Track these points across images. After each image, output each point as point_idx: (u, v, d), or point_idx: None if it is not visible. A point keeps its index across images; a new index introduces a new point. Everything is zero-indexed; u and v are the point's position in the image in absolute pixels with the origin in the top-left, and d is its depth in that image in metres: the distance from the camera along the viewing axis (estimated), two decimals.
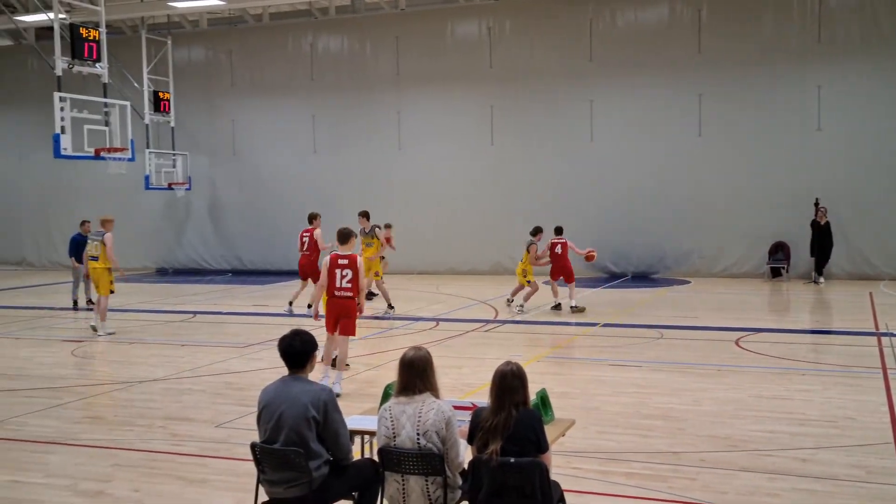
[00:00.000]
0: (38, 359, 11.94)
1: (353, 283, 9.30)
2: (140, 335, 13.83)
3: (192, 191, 25.23)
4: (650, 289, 19.26)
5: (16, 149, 27.36)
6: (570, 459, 6.69)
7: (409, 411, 4.65)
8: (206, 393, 9.60)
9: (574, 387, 9.44)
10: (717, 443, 7.23)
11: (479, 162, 22.60)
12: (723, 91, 20.59)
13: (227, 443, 7.50)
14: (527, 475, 4.35)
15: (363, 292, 9.58)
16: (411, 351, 4.82)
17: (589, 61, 21.67)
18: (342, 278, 9.32)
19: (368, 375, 10.26)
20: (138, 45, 23.86)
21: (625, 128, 21.37)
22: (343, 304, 9.37)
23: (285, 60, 24.54)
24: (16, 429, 8.15)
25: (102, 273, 13.78)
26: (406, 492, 4.64)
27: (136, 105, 22.24)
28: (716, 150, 20.71)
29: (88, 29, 17.82)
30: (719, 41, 20.60)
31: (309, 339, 4.96)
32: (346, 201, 23.42)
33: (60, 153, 17.24)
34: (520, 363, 4.71)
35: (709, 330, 13.36)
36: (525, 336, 13.61)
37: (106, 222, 14.06)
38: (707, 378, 9.84)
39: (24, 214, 27.42)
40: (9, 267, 27.77)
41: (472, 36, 22.85)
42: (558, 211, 21.53)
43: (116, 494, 6.24)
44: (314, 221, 15.77)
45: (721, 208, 20.67)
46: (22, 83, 27.02)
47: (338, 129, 23.93)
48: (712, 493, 6.00)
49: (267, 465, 4.79)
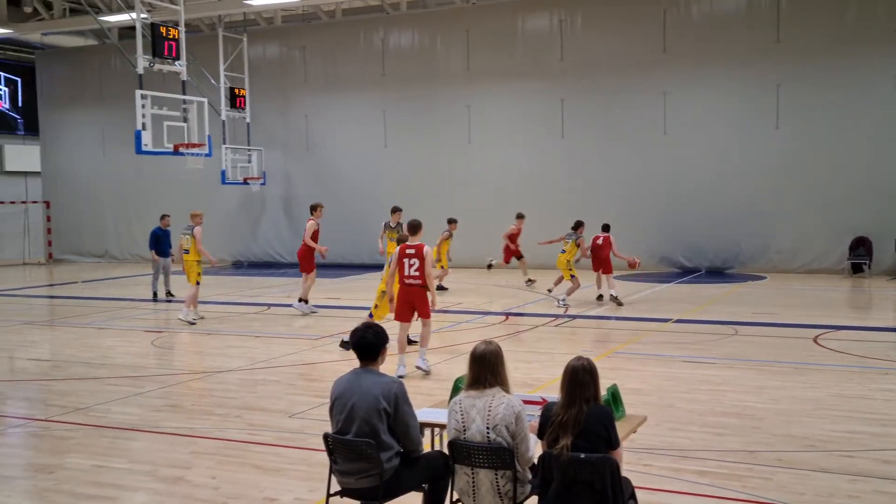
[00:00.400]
0: (120, 348, 12.36)
1: (420, 272, 9.74)
2: (217, 326, 14.18)
3: (267, 185, 25.71)
4: (725, 284, 18.86)
5: (100, 145, 28.34)
6: (642, 456, 6.62)
7: (479, 405, 4.66)
8: (281, 384, 9.80)
9: (646, 383, 9.33)
10: (794, 442, 7.06)
11: (549, 155, 22.46)
12: (802, 81, 20.01)
13: (300, 433, 7.64)
14: (597, 471, 4.32)
15: (432, 280, 9.89)
16: (482, 345, 4.83)
17: (662, 52, 21.31)
18: (410, 267, 9.82)
19: (438, 368, 10.32)
20: (215, 42, 24.41)
21: (699, 120, 20.95)
22: (413, 292, 9.88)
23: (357, 56, 24.79)
24: (101, 415, 8.45)
25: (192, 264, 14.63)
26: (476, 485, 4.65)
27: (213, 101, 22.75)
28: (794, 141, 20.15)
29: (168, 28, 18.29)
30: (799, 29, 20.01)
31: (381, 331, 5.01)
32: (416, 195, 23.61)
33: (141, 149, 17.74)
34: (591, 358, 4.68)
35: (786, 327, 13.03)
36: (596, 331, 13.50)
37: (195, 216, 14.88)
38: (784, 376, 9.60)
39: (107, 209, 28.38)
40: (93, 259, 28.79)
41: (542, 28, 22.69)
42: (630, 204, 21.33)
43: (195, 481, 6.42)
44: (314, 212, 15.27)
45: (799, 202, 20.10)
46: (106, 81, 27.94)
47: (408, 123, 24.08)
48: (789, 494, 5.86)
49: (339, 456, 4.86)
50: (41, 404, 9.07)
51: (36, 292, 20.87)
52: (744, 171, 20.55)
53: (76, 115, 28.73)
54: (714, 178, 20.77)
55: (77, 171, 28.80)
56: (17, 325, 14.67)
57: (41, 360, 11.63)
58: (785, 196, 20.21)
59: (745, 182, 20.54)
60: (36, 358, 11.62)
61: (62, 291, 20.87)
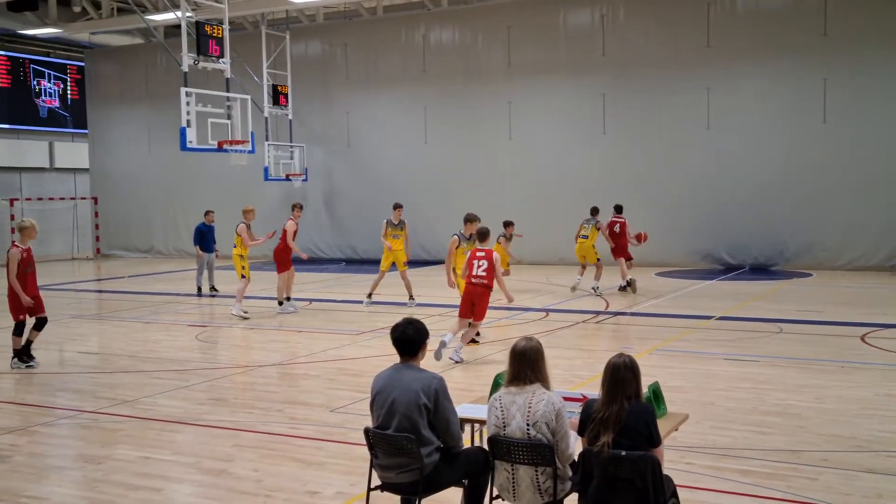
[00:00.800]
0: (166, 342, 12.57)
1: (487, 272, 10.47)
2: (259, 321, 14.35)
3: (309, 182, 25.92)
4: (769, 281, 18.59)
5: (146, 142, 28.82)
6: (683, 454, 6.57)
7: (519, 401, 4.67)
8: (322, 378, 9.89)
9: (687, 380, 9.25)
10: (840, 442, 6.95)
11: (590, 151, 22.32)
12: (850, 75, 19.61)
13: (341, 427, 7.71)
14: (638, 469, 4.31)
15: (502, 282, 10.64)
16: (522, 341, 4.83)
17: (706, 47, 21.05)
18: (478, 267, 10.57)
19: (478, 364, 10.33)
20: (258, 40, 24.65)
21: (743, 115, 20.65)
22: (476, 292, 10.58)
23: (398, 52, 24.87)
24: (147, 408, 8.62)
25: (235, 259, 14.98)
26: (516, 481, 4.66)
27: (255, 99, 22.97)
28: (841, 137, 19.77)
29: (213, 26, 18.51)
30: (846, 23, 19.61)
31: (421, 327, 5.02)
32: (456, 191, 23.65)
33: (186, 146, 17.97)
34: (632, 355, 4.66)
35: (832, 325, 12.81)
36: (637, 328, 13.40)
37: (245, 213, 15.23)
38: (830, 375, 9.45)
39: (152, 204, 28.85)
40: (139, 254, 29.29)
41: (584, 24, 22.55)
42: (672, 200, 21.12)
43: (238, 474, 6.52)
44: (294, 212, 15.31)
45: (847, 198, 19.72)
46: (151, 79, 28.40)
47: (449, 120, 24.10)
48: (835, 495, 5.77)
49: (380, 450, 4.90)
50: (90, 396, 9.28)
51: (84, 286, 21.30)
52: (789, 167, 20.23)
53: (123, 113, 29.25)
54: (758, 173, 20.46)
55: (124, 168, 29.33)
56: (66, 318, 14.99)
57: (90, 352, 11.88)
58: (832, 192, 19.85)
59: (790, 178, 20.21)
60: (85, 351, 11.86)
61: (110, 286, 21.29)
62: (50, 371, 10.50)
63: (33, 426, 8.06)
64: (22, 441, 7.58)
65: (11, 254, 10.15)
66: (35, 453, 7.31)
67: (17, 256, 10.13)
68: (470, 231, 12.08)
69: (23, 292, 10.16)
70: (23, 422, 8.22)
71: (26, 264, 10.27)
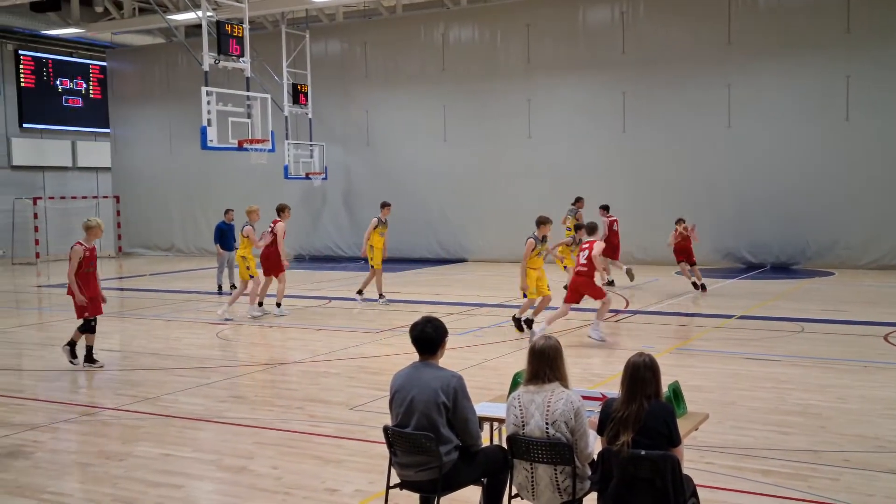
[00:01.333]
0: (187, 340, 12.66)
1: (587, 262, 11.52)
2: (278, 319, 14.41)
3: (328, 180, 25.99)
4: (791, 280, 18.44)
5: (167, 141, 29.02)
6: (704, 454, 6.53)
7: (537, 400, 4.66)
8: (341, 376, 9.92)
9: (708, 380, 9.19)
10: (863, 443, 6.89)
11: (610, 149, 22.23)
12: (873, 72, 19.39)
13: (361, 425, 7.73)
14: (658, 468, 4.29)
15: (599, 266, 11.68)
16: (541, 340, 4.82)
17: (727, 44, 20.90)
18: (583, 258, 11.62)
19: (497, 363, 10.33)
20: (278, 39, 24.75)
21: (765, 113, 20.48)
22: (580, 282, 11.66)
23: (417, 51, 24.88)
24: (168, 405, 8.69)
25: (239, 261, 14.93)
26: (535, 480, 4.66)
27: (275, 98, 23.08)
28: (864, 134, 19.56)
29: (233, 26, 18.61)
30: (870, 19, 19.40)
31: (440, 325, 5.02)
32: (476, 189, 23.65)
33: (207, 145, 18.08)
34: (652, 354, 4.64)
35: (855, 324, 12.68)
36: (657, 327, 13.34)
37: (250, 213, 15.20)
38: (852, 374, 9.37)
39: (173, 203, 29.05)
40: (160, 253, 29.51)
41: (604, 21, 22.45)
42: (692, 199, 20.97)
43: (258, 471, 6.56)
44: (281, 213, 14.81)
45: (869, 196, 19.52)
46: (172, 79, 28.60)
47: (468, 118, 24.08)
48: (857, 496, 5.72)
49: (399, 449, 4.91)
50: (112, 393, 9.36)
51: (106, 284, 21.40)
52: (811, 165, 20.05)
53: (144, 112, 29.47)
54: (779, 171, 20.30)
55: (145, 167, 29.55)
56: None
57: (112, 350, 11.98)
58: (854, 190, 19.65)
59: (812, 176, 20.03)
60: (107, 348, 11.96)
61: (131, 284, 21.46)
62: (72, 368, 10.59)
63: (56, 423, 8.14)
64: (44, 437, 7.67)
65: (74, 251, 10.19)
66: (57, 450, 7.39)
67: (79, 253, 10.16)
68: (543, 233, 12.16)
69: (79, 291, 10.19)
70: (45, 418, 8.30)
71: (87, 263, 10.28)
